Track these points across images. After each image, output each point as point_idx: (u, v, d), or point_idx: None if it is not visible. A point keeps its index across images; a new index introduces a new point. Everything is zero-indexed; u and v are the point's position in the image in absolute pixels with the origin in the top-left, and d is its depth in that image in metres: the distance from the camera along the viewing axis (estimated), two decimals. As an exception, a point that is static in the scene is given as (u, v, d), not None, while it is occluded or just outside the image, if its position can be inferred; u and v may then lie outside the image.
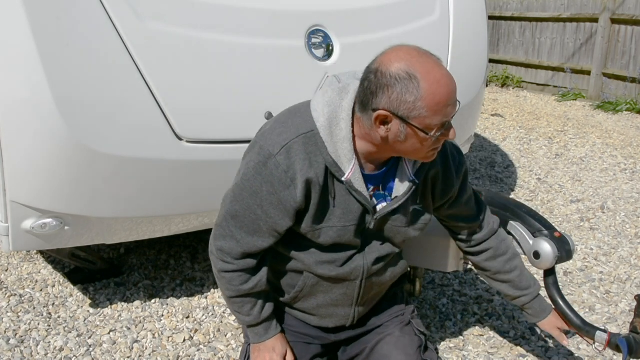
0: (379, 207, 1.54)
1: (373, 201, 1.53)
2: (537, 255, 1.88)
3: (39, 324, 2.27)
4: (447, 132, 1.39)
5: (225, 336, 2.24)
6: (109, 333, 2.23)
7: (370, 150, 1.46)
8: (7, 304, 2.40)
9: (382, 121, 1.36)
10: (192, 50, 1.98)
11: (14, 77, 1.77)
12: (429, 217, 1.66)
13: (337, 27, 2.28)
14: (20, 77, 1.77)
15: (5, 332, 2.21)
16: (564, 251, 1.88)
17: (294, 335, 1.73)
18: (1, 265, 2.73)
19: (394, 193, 1.54)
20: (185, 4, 2.00)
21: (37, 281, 2.59)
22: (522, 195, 3.91)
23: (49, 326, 2.26)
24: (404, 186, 1.53)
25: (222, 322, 2.33)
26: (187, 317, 2.36)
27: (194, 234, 3.02)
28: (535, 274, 2.73)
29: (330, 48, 2.25)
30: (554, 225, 2.05)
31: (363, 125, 1.42)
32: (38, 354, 2.10)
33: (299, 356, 1.70)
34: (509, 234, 1.96)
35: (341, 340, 1.79)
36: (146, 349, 2.16)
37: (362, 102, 1.39)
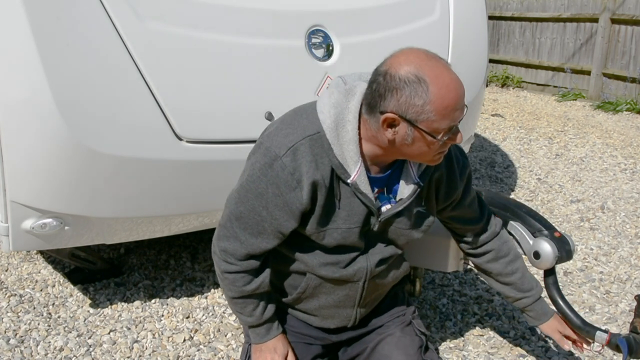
0: (384, 209, 1.54)
1: (377, 203, 1.53)
2: (537, 255, 1.88)
3: (39, 324, 2.27)
4: (454, 136, 1.39)
5: (225, 336, 2.24)
6: (109, 333, 2.23)
7: (376, 153, 1.45)
8: (7, 304, 2.40)
9: (389, 124, 1.36)
10: (192, 50, 1.98)
11: (14, 77, 1.77)
12: (433, 219, 1.66)
13: (337, 27, 2.28)
14: (20, 77, 1.77)
15: (5, 332, 2.21)
16: (564, 251, 1.88)
17: (295, 336, 1.73)
18: (1, 265, 2.73)
19: (398, 195, 1.54)
20: (186, 4, 2.00)
21: (37, 281, 2.59)
22: (522, 195, 3.91)
23: (49, 326, 2.26)
24: (409, 188, 1.52)
25: (222, 322, 2.33)
26: (187, 317, 2.36)
27: (194, 234, 3.02)
28: (535, 274, 2.73)
29: (330, 48, 2.25)
30: (554, 225, 2.05)
31: (370, 128, 1.41)
32: (38, 354, 2.10)
33: (300, 357, 1.70)
34: (509, 234, 1.96)
35: (342, 341, 1.80)
36: (146, 349, 2.16)
37: (369, 104, 1.38)
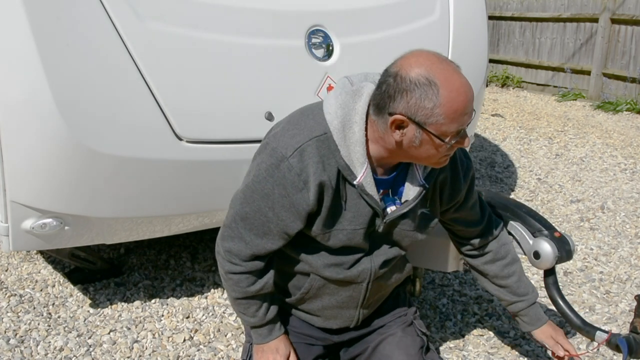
0: (389, 210, 1.54)
1: (382, 204, 1.53)
2: (537, 255, 1.88)
3: (39, 324, 2.27)
4: (462, 140, 1.39)
5: (225, 336, 2.24)
6: (109, 333, 2.23)
7: (383, 154, 1.45)
8: (7, 304, 2.40)
9: (397, 125, 1.36)
10: (192, 50, 1.98)
11: (14, 77, 1.77)
12: (437, 221, 1.66)
13: (337, 27, 2.28)
14: (20, 77, 1.77)
15: (5, 332, 2.21)
16: (564, 251, 1.88)
17: (296, 336, 1.73)
18: (1, 265, 2.73)
19: (403, 197, 1.54)
20: (186, 4, 2.00)
21: (37, 281, 2.59)
22: (522, 195, 3.90)
23: (49, 326, 2.26)
24: (414, 190, 1.52)
25: (222, 322, 2.33)
26: (187, 317, 2.36)
27: (194, 234, 3.02)
28: (535, 274, 2.74)
29: (330, 48, 2.25)
30: (554, 225, 2.05)
31: (377, 129, 1.41)
32: (38, 354, 2.10)
33: (302, 357, 1.70)
34: (509, 234, 1.96)
35: (343, 341, 1.80)
36: (146, 349, 2.16)
37: (378, 105, 1.38)
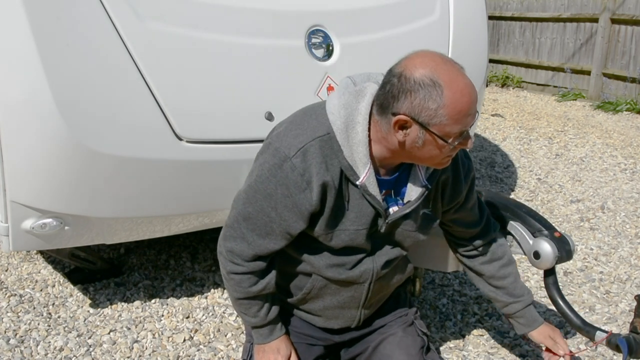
0: (391, 210, 1.54)
1: (384, 205, 1.53)
2: (537, 255, 1.87)
3: (39, 324, 2.27)
4: (465, 141, 1.39)
5: (225, 336, 2.24)
6: (109, 333, 2.23)
7: (385, 155, 1.45)
8: (7, 304, 2.40)
9: (401, 126, 1.36)
10: (192, 50, 1.98)
11: (14, 77, 1.77)
12: (437, 221, 1.67)
13: (337, 27, 2.28)
14: (20, 77, 1.77)
15: (5, 332, 2.21)
16: (564, 251, 1.88)
17: (297, 337, 1.73)
18: (1, 265, 2.73)
19: (406, 197, 1.54)
20: (186, 4, 2.00)
21: (37, 281, 2.59)
22: (522, 195, 3.90)
23: (49, 326, 2.26)
24: (417, 191, 1.52)
25: (222, 322, 2.33)
26: (187, 317, 2.36)
27: (194, 234, 3.02)
28: (535, 274, 2.74)
29: (330, 48, 2.25)
30: (554, 225, 2.05)
31: (380, 129, 1.41)
32: (38, 354, 2.10)
33: (302, 357, 1.70)
34: (509, 234, 1.96)
35: (344, 341, 1.80)
36: (146, 349, 2.16)
37: (381, 105, 1.38)
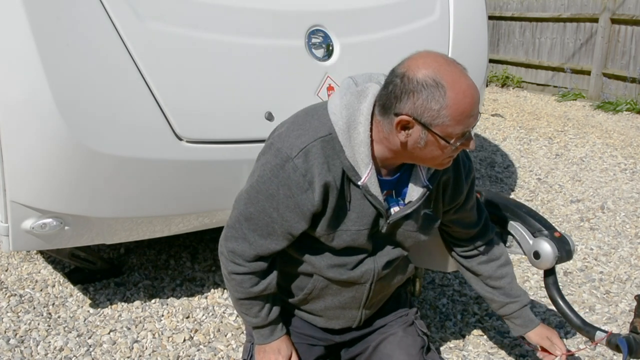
0: (392, 211, 1.54)
1: (386, 205, 1.53)
2: (537, 255, 1.87)
3: (39, 324, 2.27)
4: (467, 142, 1.39)
5: (225, 336, 2.24)
6: (109, 333, 2.23)
7: (387, 155, 1.45)
8: (7, 304, 2.40)
9: (403, 126, 1.36)
10: (192, 50, 1.98)
11: (14, 77, 1.77)
12: (438, 222, 1.67)
13: (337, 27, 2.28)
14: (20, 77, 1.77)
15: (5, 332, 2.21)
16: (564, 251, 1.88)
17: (298, 337, 1.73)
18: (1, 265, 2.73)
19: (407, 198, 1.54)
20: (186, 4, 2.00)
21: (37, 281, 2.59)
22: (522, 195, 3.90)
23: (49, 326, 2.26)
24: (418, 191, 1.52)
25: (222, 322, 2.33)
26: (187, 317, 2.36)
27: (194, 234, 3.02)
28: (535, 274, 2.74)
29: (330, 48, 2.25)
30: (554, 225, 2.05)
31: (382, 129, 1.41)
32: (38, 354, 2.10)
33: (303, 357, 1.70)
34: (509, 234, 1.96)
35: (345, 341, 1.80)
36: (146, 349, 2.16)
37: (383, 106, 1.38)
